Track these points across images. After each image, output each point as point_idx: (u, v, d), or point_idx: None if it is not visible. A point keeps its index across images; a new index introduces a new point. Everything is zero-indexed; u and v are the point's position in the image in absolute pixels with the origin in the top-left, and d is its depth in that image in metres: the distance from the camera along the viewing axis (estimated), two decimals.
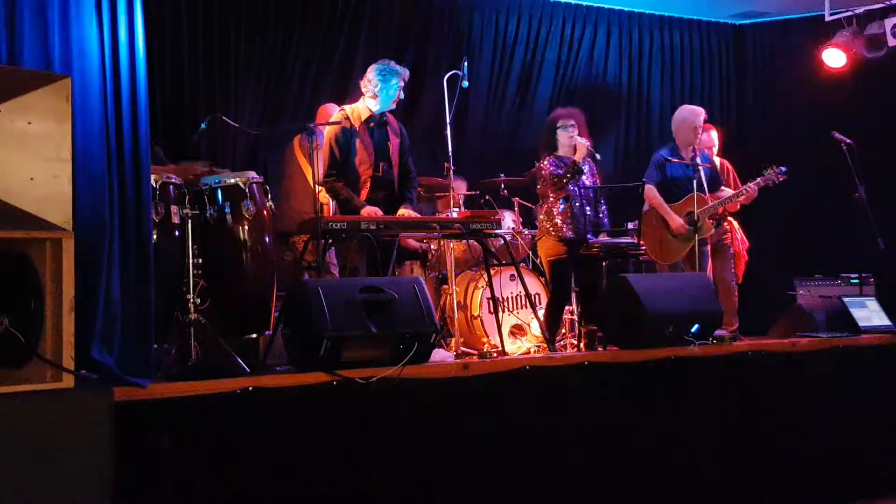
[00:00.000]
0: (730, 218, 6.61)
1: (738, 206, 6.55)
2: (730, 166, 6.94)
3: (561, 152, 5.88)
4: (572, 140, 5.84)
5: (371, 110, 5.44)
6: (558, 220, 5.73)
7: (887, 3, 7.41)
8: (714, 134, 6.91)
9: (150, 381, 3.57)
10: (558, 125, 5.92)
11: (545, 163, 5.83)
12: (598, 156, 5.94)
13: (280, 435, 3.74)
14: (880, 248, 6.26)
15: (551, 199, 5.79)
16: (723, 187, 6.51)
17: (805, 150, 8.11)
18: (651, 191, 6.34)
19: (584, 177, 5.79)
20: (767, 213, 7.52)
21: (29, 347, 3.06)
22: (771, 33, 8.46)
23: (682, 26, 8.41)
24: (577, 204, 5.76)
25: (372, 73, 5.42)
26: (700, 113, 6.49)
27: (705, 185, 6.18)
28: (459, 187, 7.00)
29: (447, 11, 7.49)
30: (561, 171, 5.72)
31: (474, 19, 7.58)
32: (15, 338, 3.04)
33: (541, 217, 5.86)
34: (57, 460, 3.02)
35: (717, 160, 6.84)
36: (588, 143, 5.83)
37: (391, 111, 5.54)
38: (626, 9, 8.15)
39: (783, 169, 6.29)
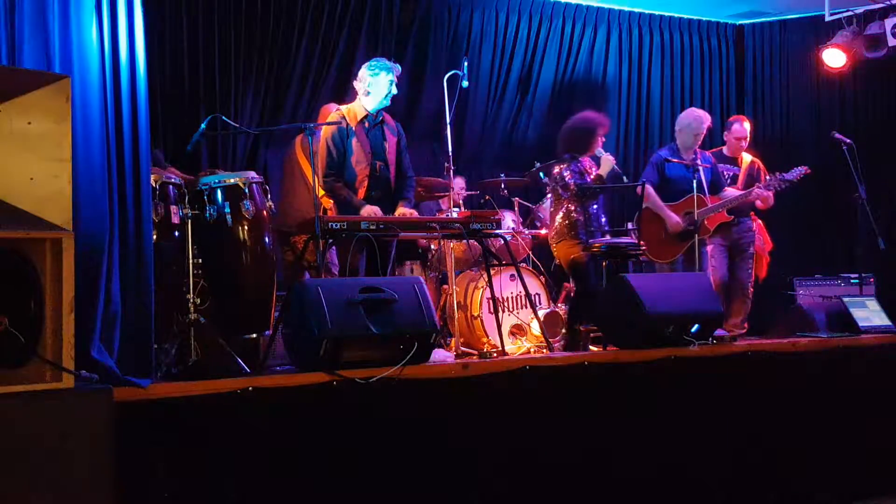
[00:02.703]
0: (758, 220, 6.62)
1: (764, 206, 6.56)
2: (760, 164, 6.88)
3: (587, 155, 5.87)
4: (597, 150, 5.84)
5: (367, 109, 5.45)
6: (578, 224, 5.73)
7: (887, 3, 7.41)
8: (747, 125, 6.83)
9: (150, 381, 3.57)
10: (601, 133, 5.89)
11: (568, 171, 5.77)
12: (624, 178, 5.95)
13: (280, 435, 3.74)
14: (880, 248, 6.26)
15: (570, 202, 5.77)
16: (726, 188, 6.51)
17: (805, 150, 8.11)
18: (648, 190, 6.35)
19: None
20: (767, 212, 7.52)
21: (29, 347, 3.06)
22: (771, 33, 8.45)
23: (682, 26, 8.41)
24: (594, 208, 5.80)
25: (363, 71, 5.45)
26: (705, 121, 6.47)
27: (705, 187, 6.18)
28: (457, 184, 6.98)
29: (447, 11, 7.49)
30: (583, 181, 5.71)
31: (474, 19, 7.58)
32: (15, 338, 3.04)
33: (560, 218, 5.81)
34: (57, 460, 3.02)
35: (746, 156, 6.80)
36: (613, 159, 5.83)
37: (388, 110, 5.55)
38: (626, 9, 8.14)
39: (782, 176, 6.29)
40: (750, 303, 6.45)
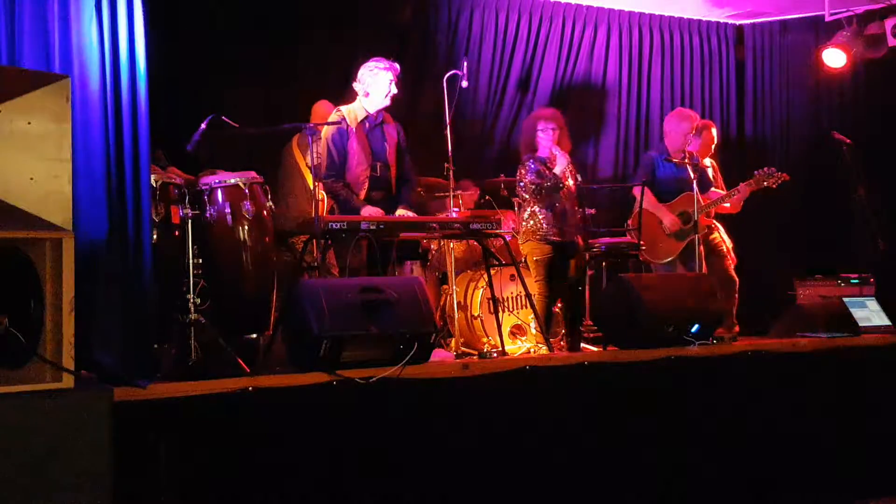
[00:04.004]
0: (714, 220, 6.64)
1: (735, 209, 6.58)
2: (715, 166, 6.96)
3: (541, 153, 5.91)
4: (551, 144, 5.86)
5: (367, 110, 5.44)
6: (542, 223, 5.77)
7: (887, 3, 7.41)
8: (714, 131, 6.91)
9: (150, 381, 3.58)
10: (539, 127, 5.94)
11: (524, 170, 5.86)
12: (578, 177, 5.98)
13: (280, 435, 3.74)
14: (880, 248, 6.25)
15: (534, 203, 5.81)
16: (713, 189, 6.54)
17: (805, 150, 8.11)
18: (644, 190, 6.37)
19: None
20: (767, 213, 7.51)
21: (29, 347, 3.06)
22: (771, 33, 8.44)
23: (682, 26, 8.40)
24: (559, 206, 5.79)
25: (362, 71, 5.45)
26: (693, 119, 6.51)
27: (695, 186, 6.19)
28: (471, 192, 6.95)
29: (447, 11, 7.48)
30: (539, 181, 5.75)
31: (474, 19, 7.57)
32: (15, 338, 3.04)
33: (524, 219, 5.89)
34: (57, 460, 3.02)
35: (707, 161, 6.85)
36: (566, 158, 5.85)
37: (388, 110, 5.54)
38: (626, 9, 8.13)
39: (773, 171, 6.29)
40: (736, 300, 6.46)
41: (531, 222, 5.84)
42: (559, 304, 6.17)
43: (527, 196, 5.87)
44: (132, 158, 3.86)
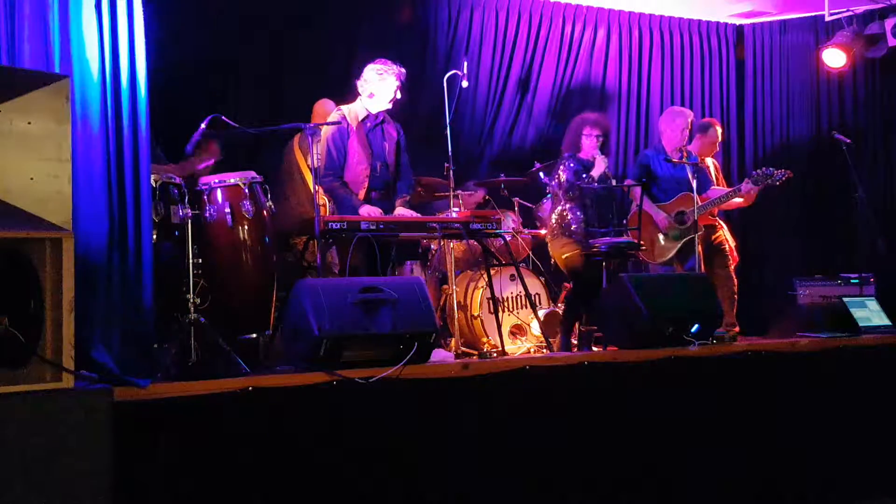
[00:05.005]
0: (717, 219, 6.64)
1: (747, 203, 6.56)
2: (717, 165, 6.94)
3: (583, 155, 5.93)
4: (594, 150, 5.88)
5: (368, 110, 5.44)
6: (574, 224, 5.77)
7: (887, 3, 7.41)
8: (719, 129, 6.88)
9: (150, 381, 3.58)
10: (584, 133, 5.94)
11: (563, 167, 5.84)
12: (613, 181, 6.00)
13: (280, 435, 3.74)
14: (880, 248, 6.25)
15: (566, 201, 5.81)
16: (713, 187, 6.52)
17: (805, 150, 8.11)
18: (638, 191, 6.37)
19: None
20: (767, 213, 7.51)
21: (29, 347, 3.06)
22: (771, 33, 8.44)
23: (682, 26, 8.40)
24: (590, 207, 5.81)
25: (368, 72, 5.43)
26: (688, 115, 6.49)
27: (694, 186, 6.20)
28: (471, 193, 6.95)
29: (447, 11, 7.48)
30: (576, 181, 5.76)
31: (474, 19, 7.57)
32: (15, 338, 3.04)
33: (554, 217, 5.87)
34: (57, 460, 3.02)
35: (709, 160, 6.84)
36: (607, 162, 5.88)
37: (388, 111, 5.54)
38: (626, 9, 8.14)
39: (770, 171, 6.27)
40: (737, 300, 6.45)
41: (564, 220, 5.83)
42: (560, 304, 6.17)
43: (559, 193, 5.88)
44: (132, 158, 3.87)
